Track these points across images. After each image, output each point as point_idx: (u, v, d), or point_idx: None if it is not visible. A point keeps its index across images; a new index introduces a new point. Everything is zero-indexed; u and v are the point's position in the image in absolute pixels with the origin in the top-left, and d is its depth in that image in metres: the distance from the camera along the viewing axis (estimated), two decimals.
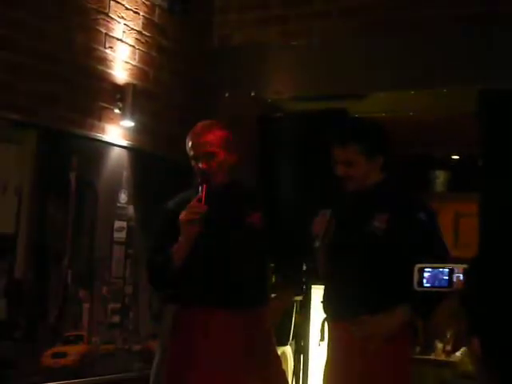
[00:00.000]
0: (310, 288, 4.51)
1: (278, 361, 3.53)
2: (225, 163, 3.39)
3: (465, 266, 1.45)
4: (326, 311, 3.37)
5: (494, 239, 1.44)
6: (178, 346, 3.36)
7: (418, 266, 2.38)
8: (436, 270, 2.38)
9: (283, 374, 3.55)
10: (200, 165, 3.35)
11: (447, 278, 2.35)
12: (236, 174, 3.50)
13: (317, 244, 3.18)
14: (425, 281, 2.41)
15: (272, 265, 3.86)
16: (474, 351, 1.33)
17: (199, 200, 3.23)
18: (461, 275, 2.29)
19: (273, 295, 3.62)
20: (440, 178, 7.34)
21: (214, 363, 3.27)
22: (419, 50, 4.58)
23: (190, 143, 3.40)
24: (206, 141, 3.37)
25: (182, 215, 3.23)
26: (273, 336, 3.50)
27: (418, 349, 6.61)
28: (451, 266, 2.37)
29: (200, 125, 3.44)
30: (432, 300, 3.14)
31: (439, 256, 3.09)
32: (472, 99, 4.46)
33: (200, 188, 3.26)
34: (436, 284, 2.39)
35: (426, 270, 2.40)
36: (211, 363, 3.27)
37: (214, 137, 3.38)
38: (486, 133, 4.47)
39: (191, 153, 3.39)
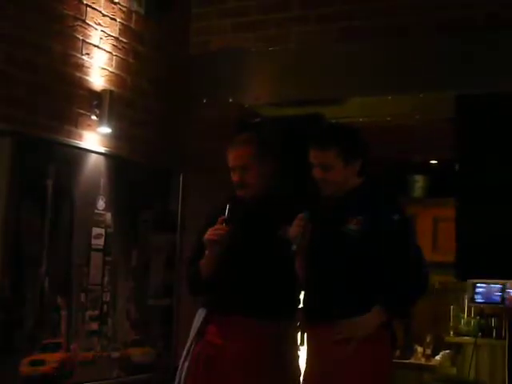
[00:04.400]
0: None
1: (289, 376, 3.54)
2: (258, 176, 3.45)
3: None
4: (304, 315, 3.38)
5: None
6: (199, 350, 3.42)
7: (472, 281, 2.37)
8: (488, 286, 2.37)
9: None
10: (235, 177, 3.43)
11: (499, 293, 2.34)
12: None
13: (293, 247, 3.19)
14: (478, 296, 2.40)
15: None
16: None
17: (223, 221, 3.34)
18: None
19: None
20: (419, 182, 7.38)
21: (229, 370, 3.32)
22: (396, 55, 4.59)
23: (228, 155, 3.53)
24: (240, 154, 3.47)
25: (206, 235, 3.36)
26: (294, 350, 3.53)
27: (397, 352, 6.64)
28: (503, 281, 2.36)
29: (237, 138, 3.58)
30: (408, 299, 3.17)
31: (413, 258, 3.12)
32: (449, 104, 4.48)
33: (227, 206, 3.37)
34: (489, 300, 2.38)
35: (479, 285, 2.39)
36: (226, 370, 3.32)
37: (248, 150, 3.49)
38: (463, 138, 4.49)
39: (229, 164, 3.50)
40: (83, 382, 4.18)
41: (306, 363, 3.38)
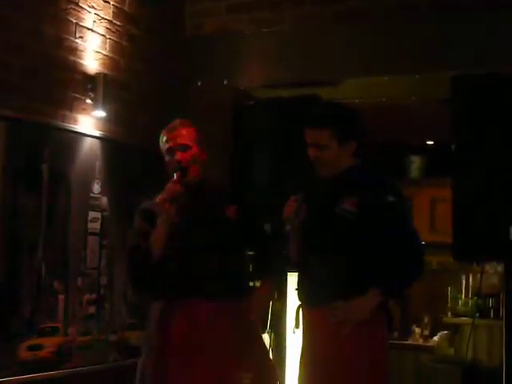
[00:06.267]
0: (286, 275, 4.51)
1: (264, 351, 3.55)
2: (198, 158, 3.44)
3: None
4: (299, 297, 3.37)
5: None
6: (163, 340, 3.39)
7: None
8: None
9: (270, 365, 3.56)
10: (175, 157, 3.39)
11: None
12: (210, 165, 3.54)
13: (287, 228, 3.18)
14: None
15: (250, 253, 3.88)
16: None
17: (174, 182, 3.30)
18: None
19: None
20: (415, 163, 7.37)
21: (197, 354, 3.30)
22: (392, 36, 4.58)
23: (165, 137, 3.47)
24: (182, 134, 3.44)
25: (158, 197, 3.29)
26: (258, 326, 3.53)
27: (395, 334, 6.67)
28: None
29: (175, 121, 3.51)
30: (404, 281, 3.16)
31: (408, 239, 3.11)
32: (445, 85, 4.47)
33: (175, 175, 3.32)
34: None
35: None
36: (195, 355, 3.30)
37: (189, 131, 3.47)
38: (459, 118, 4.48)
39: (166, 146, 3.44)
40: (81, 365, 4.18)
41: (302, 346, 3.38)
